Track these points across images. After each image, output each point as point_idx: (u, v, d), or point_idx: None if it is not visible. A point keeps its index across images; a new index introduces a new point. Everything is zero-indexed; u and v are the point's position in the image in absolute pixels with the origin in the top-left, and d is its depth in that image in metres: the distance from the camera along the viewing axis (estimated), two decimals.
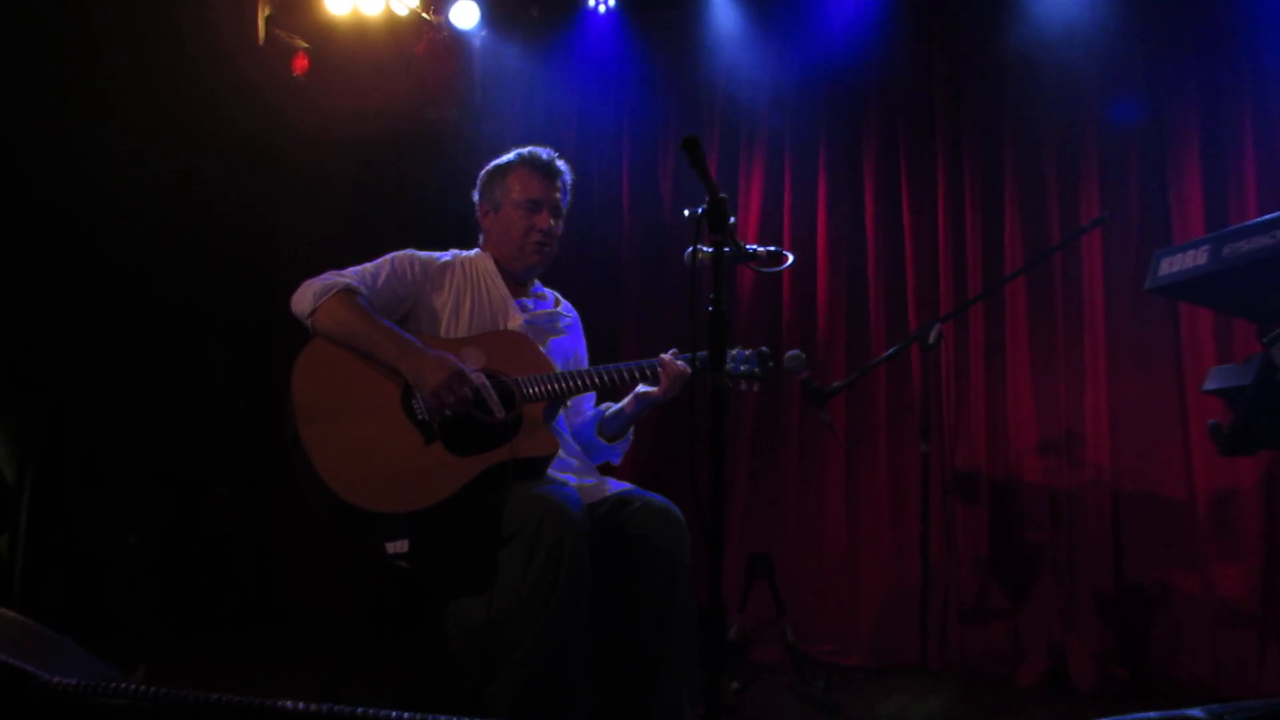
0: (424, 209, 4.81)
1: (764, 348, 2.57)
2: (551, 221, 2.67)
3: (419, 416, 2.36)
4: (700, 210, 2.03)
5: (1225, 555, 3.66)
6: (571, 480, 2.47)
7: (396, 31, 4.80)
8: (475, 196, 2.76)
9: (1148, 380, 3.86)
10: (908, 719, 3.40)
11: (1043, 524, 3.95)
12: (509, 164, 2.69)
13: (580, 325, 2.84)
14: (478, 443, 2.34)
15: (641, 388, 2.61)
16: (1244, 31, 3.83)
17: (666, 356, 2.54)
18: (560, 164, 2.71)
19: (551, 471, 2.44)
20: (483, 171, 2.75)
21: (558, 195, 2.69)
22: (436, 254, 2.66)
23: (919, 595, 3.71)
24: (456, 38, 4.90)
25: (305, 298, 2.43)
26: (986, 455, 4.06)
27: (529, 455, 2.35)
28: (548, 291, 2.83)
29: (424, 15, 4.81)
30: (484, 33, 4.95)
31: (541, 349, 2.54)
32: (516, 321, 2.61)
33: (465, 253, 2.71)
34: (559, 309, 2.79)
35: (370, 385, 2.38)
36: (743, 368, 2.52)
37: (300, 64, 4.79)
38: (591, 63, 4.86)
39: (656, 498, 2.45)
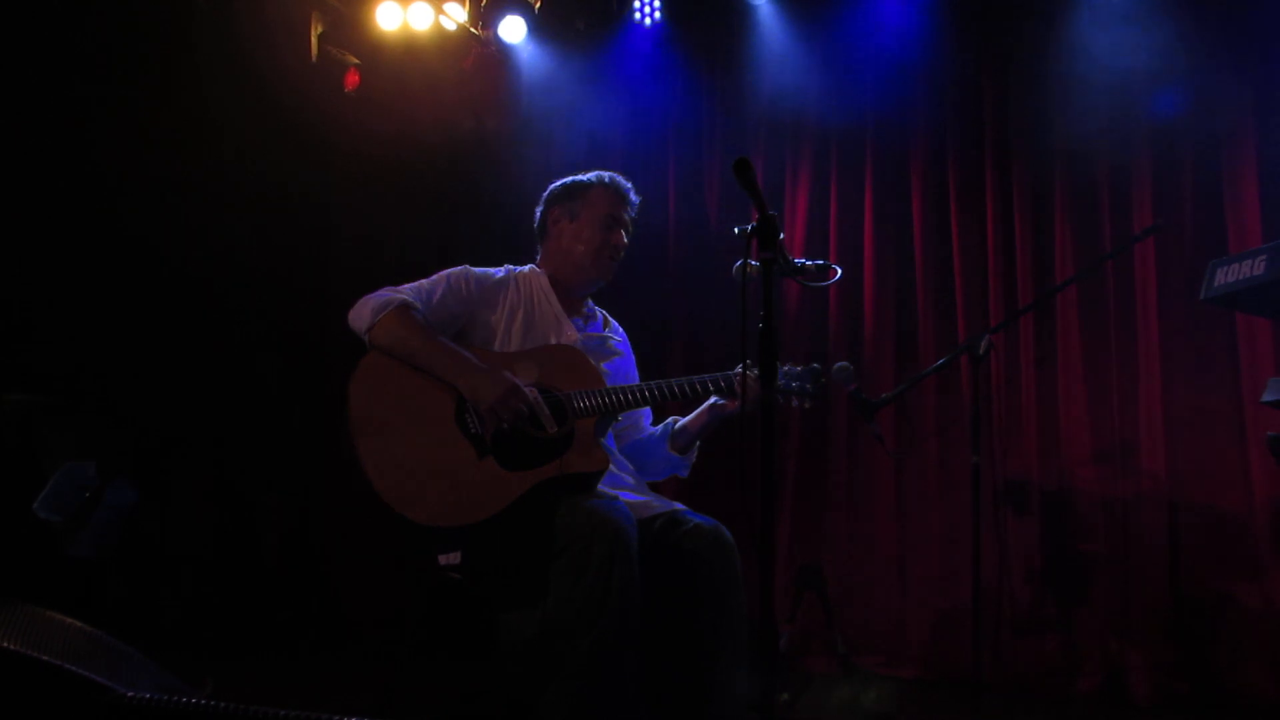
0: (474, 221, 4.88)
1: (815, 365, 2.54)
2: (625, 240, 2.73)
3: (472, 430, 2.39)
4: (750, 227, 2.04)
5: None
6: (624, 496, 2.48)
7: (445, 46, 4.87)
8: (541, 210, 2.78)
9: (1204, 390, 3.80)
10: None
11: (1096, 535, 3.90)
12: (591, 181, 2.74)
13: (629, 345, 2.85)
14: (529, 458, 2.37)
15: (715, 399, 2.60)
16: None
17: (742, 371, 2.49)
18: (634, 193, 2.78)
19: (603, 487, 2.45)
20: (557, 184, 2.78)
21: (630, 217, 2.76)
22: (491, 270, 2.70)
23: (971, 606, 3.67)
24: (504, 52, 4.95)
25: (363, 314, 2.48)
26: (1038, 465, 4.02)
27: (579, 471, 2.37)
28: (598, 311, 2.85)
29: (472, 30, 4.87)
30: (531, 47, 5.00)
31: (593, 364, 2.56)
32: (571, 338, 2.63)
33: (519, 269, 2.74)
34: (608, 330, 2.82)
35: (425, 399, 2.41)
36: (794, 384, 2.50)
37: (352, 80, 4.88)
38: (636, 75, 4.89)
39: (708, 520, 2.46)
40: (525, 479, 2.34)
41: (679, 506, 2.54)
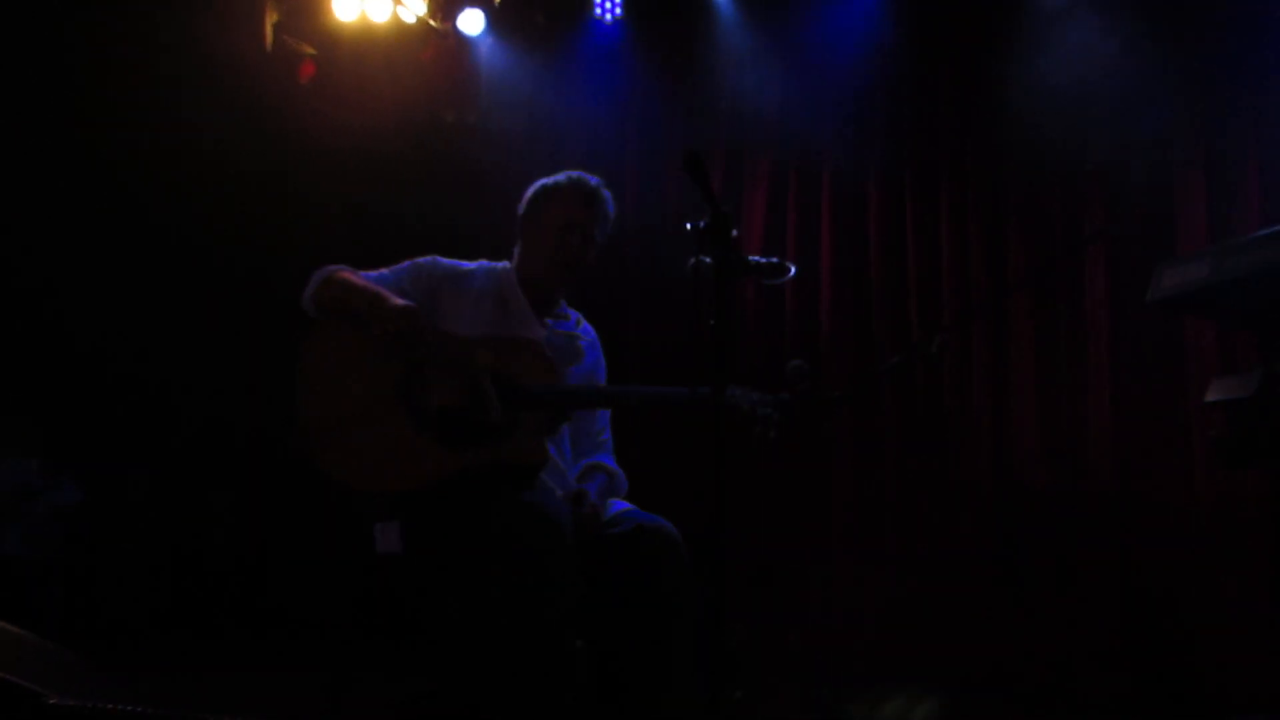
0: (428, 216, 4.83)
1: (785, 395, 2.40)
2: (581, 247, 2.66)
3: (415, 403, 2.37)
4: (701, 224, 2.02)
5: (1232, 564, 3.65)
6: (561, 492, 2.46)
7: (403, 38, 4.81)
8: (519, 210, 2.75)
9: (1151, 390, 3.86)
10: None
11: (1047, 531, 3.94)
12: (555, 185, 2.69)
13: (599, 348, 2.80)
14: (467, 439, 2.34)
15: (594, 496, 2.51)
16: (1246, 50, 3.82)
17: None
18: (604, 193, 2.70)
19: (548, 480, 2.43)
20: (531, 187, 2.73)
21: (594, 223, 2.67)
22: (462, 262, 2.68)
23: (922, 603, 3.71)
24: (463, 44, 4.91)
25: (307, 289, 2.50)
26: (990, 464, 4.06)
27: (515, 461, 2.35)
28: (571, 312, 2.81)
29: (431, 22, 4.82)
30: (490, 40, 4.96)
31: (555, 360, 2.52)
32: (537, 334, 2.59)
33: (493, 264, 2.72)
34: (578, 329, 2.77)
35: (372, 366, 2.41)
36: (761, 411, 2.37)
37: (307, 71, 4.81)
38: (597, 71, 4.86)
39: (652, 519, 2.45)
40: (458, 458, 2.32)
41: (627, 506, 2.52)
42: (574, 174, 2.70)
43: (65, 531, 4.07)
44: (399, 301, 2.41)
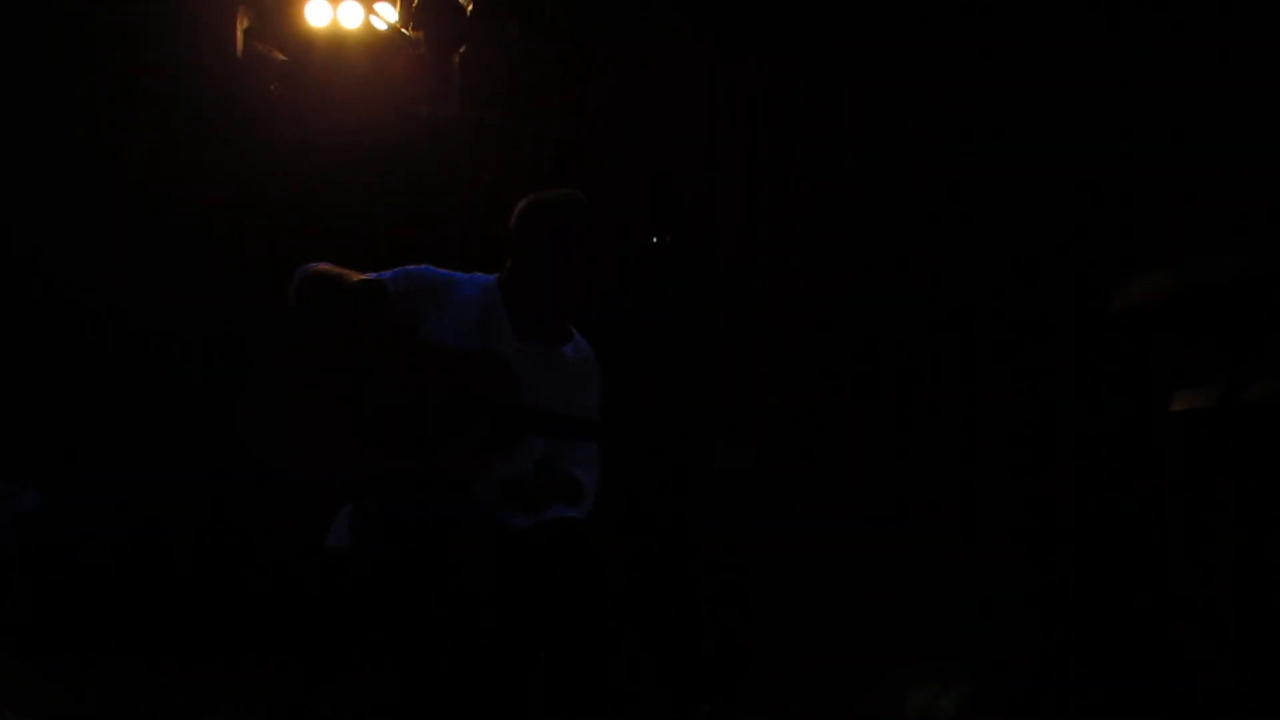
0: (400, 222, 4.80)
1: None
2: (572, 267, 2.63)
3: (361, 400, 2.39)
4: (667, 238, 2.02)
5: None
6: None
7: (374, 46, 4.79)
8: (510, 225, 2.69)
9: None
10: None
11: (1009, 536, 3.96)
12: (545, 205, 2.65)
13: (591, 375, 2.74)
14: (404, 442, 2.36)
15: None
16: None
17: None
18: (597, 212, 2.66)
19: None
20: (523, 203, 2.68)
21: (585, 243, 2.64)
22: (455, 273, 2.65)
23: None
24: (436, 53, 4.89)
25: (291, 289, 2.52)
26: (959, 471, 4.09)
27: (440, 471, 2.36)
28: (571, 333, 2.76)
29: (403, 31, 4.81)
30: (464, 49, 4.95)
31: (521, 381, 2.49)
32: (505, 349, 2.56)
33: (486, 277, 2.69)
34: (565, 350, 2.72)
35: (325, 359, 2.45)
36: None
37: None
38: None
39: (567, 513, 2.45)
40: (388, 461, 2.34)
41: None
42: (566, 193, 2.66)
43: (22, 540, 3.99)
44: (361, 277, 2.44)
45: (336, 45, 4.71)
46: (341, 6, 4.64)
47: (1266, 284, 2.41)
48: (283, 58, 4.78)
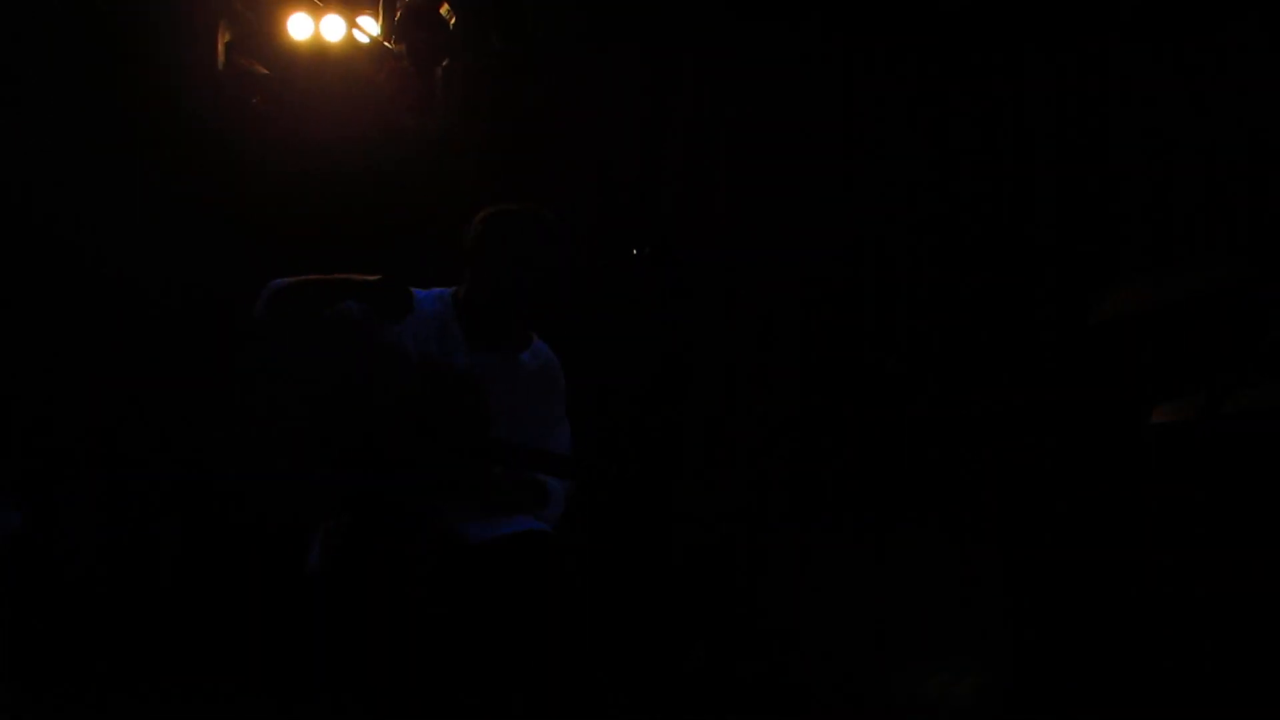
0: (383, 234, 4.78)
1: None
2: (529, 281, 2.62)
3: (335, 416, 2.38)
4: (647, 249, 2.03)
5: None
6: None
7: (357, 59, 4.78)
8: (467, 236, 2.70)
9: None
10: None
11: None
12: (508, 216, 2.65)
13: (553, 378, 2.75)
14: (373, 462, 2.35)
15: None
16: None
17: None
18: (557, 224, 2.66)
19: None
20: (483, 213, 2.69)
21: (544, 257, 2.63)
22: (417, 290, 2.63)
23: None
24: (418, 66, 4.88)
25: (259, 304, 2.51)
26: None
27: (386, 498, 2.35)
28: (528, 338, 2.75)
29: (386, 44, 4.80)
30: (447, 63, 4.94)
31: (481, 400, 2.47)
32: (461, 362, 2.56)
33: (440, 290, 2.70)
34: (523, 357, 2.71)
35: (306, 372, 2.46)
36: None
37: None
38: None
39: (524, 526, 2.42)
40: (353, 478, 2.35)
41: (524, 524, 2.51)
42: (524, 205, 2.66)
43: (2, 560, 3.96)
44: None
45: (319, 59, 4.70)
46: (324, 20, 4.64)
47: (1242, 296, 2.43)
48: (264, 71, 4.77)
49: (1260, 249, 3.33)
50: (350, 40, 4.71)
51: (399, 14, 4.75)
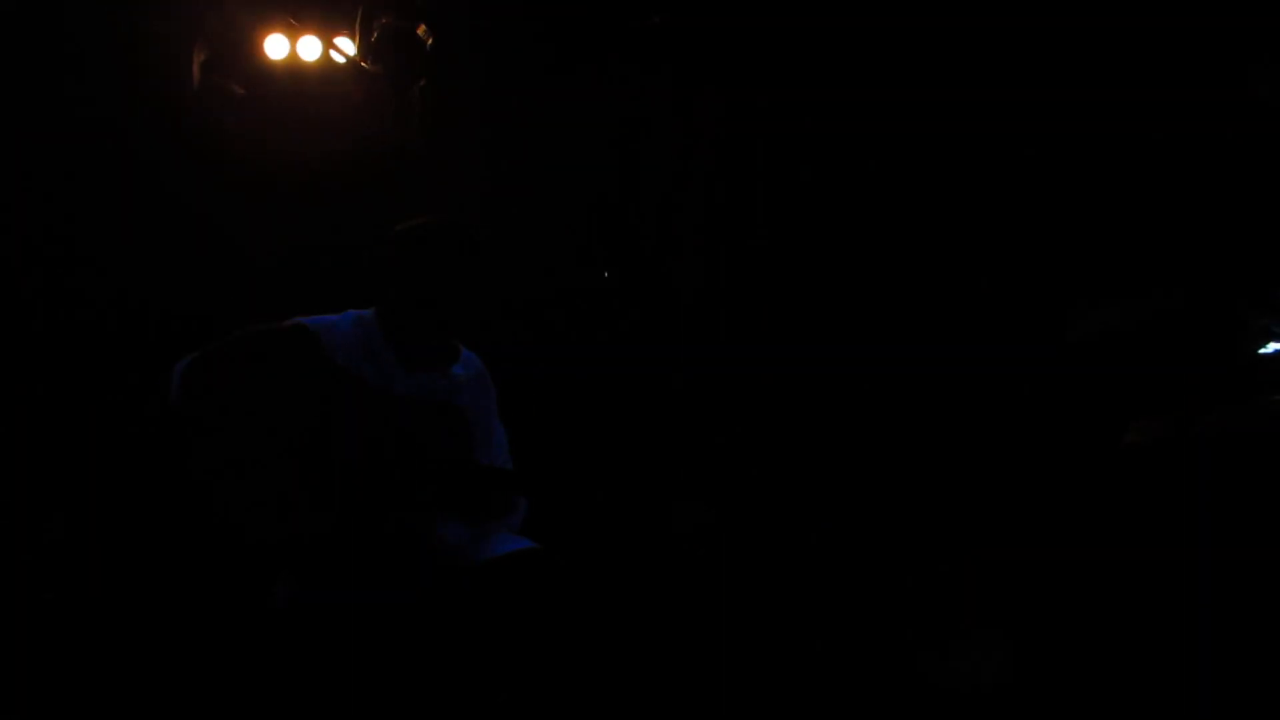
0: (361, 256, 4.76)
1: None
2: (451, 292, 2.55)
3: (308, 457, 2.33)
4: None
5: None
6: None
7: (334, 79, 4.77)
8: (384, 254, 2.61)
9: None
10: None
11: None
12: (423, 228, 2.57)
13: (484, 384, 2.69)
14: (355, 500, 2.32)
15: None
16: None
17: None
18: (479, 237, 2.58)
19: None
20: (401, 227, 2.61)
21: (465, 267, 2.56)
22: (328, 316, 2.56)
23: None
24: (395, 86, 4.88)
25: (174, 390, 2.36)
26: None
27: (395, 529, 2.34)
28: (456, 350, 2.68)
29: (362, 64, 4.80)
30: (423, 82, 4.94)
31: (418, 426, 2.43)
32: (398, 389, 2.50)
33: (360, 313, 2.61)
34: (453, 370, 2.64)
35: (269, 414, 2.37)
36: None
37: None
38: None
39: (518, 545, 2.42)
40: (331, 518, 2.31)
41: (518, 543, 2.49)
42: (438, 216, 2.59)
43: None
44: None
45: (295, 79, 4.69)
46: (300, 41, 4.63)
47: (1212, 316, 2.45)
48: (240, 91, 4.75)
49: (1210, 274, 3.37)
50: (327, 60, 4.70)
51: (375, 35, 4.75)
